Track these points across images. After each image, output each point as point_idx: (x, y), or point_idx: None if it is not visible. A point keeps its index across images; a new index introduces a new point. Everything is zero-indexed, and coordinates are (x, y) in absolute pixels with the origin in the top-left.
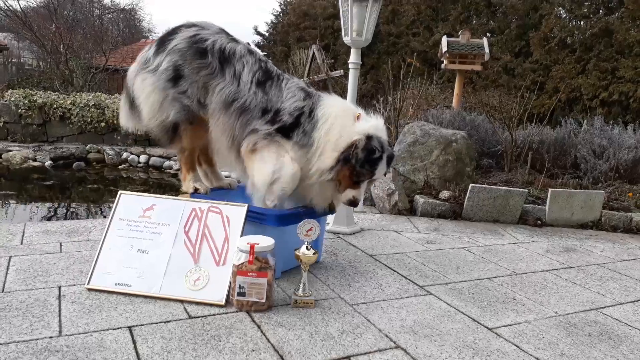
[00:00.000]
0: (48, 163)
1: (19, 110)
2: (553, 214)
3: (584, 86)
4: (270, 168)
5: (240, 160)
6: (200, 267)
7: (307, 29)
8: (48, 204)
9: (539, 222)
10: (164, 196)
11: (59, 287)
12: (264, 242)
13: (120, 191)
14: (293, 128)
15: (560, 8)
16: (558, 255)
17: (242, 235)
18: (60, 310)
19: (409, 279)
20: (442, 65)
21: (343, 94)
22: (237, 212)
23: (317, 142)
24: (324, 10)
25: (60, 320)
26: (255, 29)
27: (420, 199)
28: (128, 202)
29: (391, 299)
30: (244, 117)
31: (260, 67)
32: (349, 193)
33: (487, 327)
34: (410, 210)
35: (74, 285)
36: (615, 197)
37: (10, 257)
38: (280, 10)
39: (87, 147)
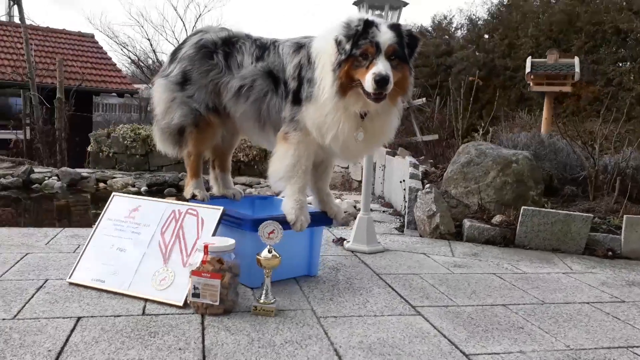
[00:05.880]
0: (144, 189)
1: (125, 142)
2: (630, 245)
3: None
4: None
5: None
6: (168, 267)
7: (419, 67)
8: None
9: (610, 253)
10: (150, 198)
11: (46, 280)
12: (221, 242)
13: (113, 193)
14: (300, 88)
15: None
16: (615, 288)
17: (214, 236)
18: (31, 298)
19: (404, 299)
20: (529, 88)
21: (425, 122)
22: (212, 215)
23: (318, 78)
24: (436, 48)
25: (23, 307)
26: None
27: (466, 223)
28: (118, 204)
29: (369, 315)
30: (254, 96)
31: (256, 46)
32: (369, 76)
33: (463, 353)
34: (457, 235)
35: (61, 279)
36: None
37: (27, 254)
38: None
39: (180, 174)
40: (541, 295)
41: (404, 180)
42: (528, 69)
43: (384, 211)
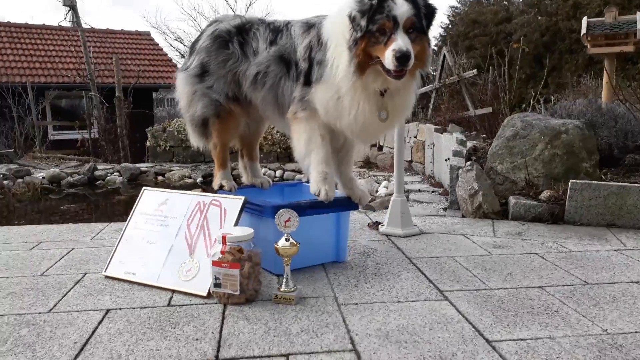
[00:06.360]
0: (199, 180)
1: (180, 136)
2: None
3: None
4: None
5: None
6: (194, 258)
7: (477, 36)
8: None
9: None
10: (177, 191)
11: (85, 274)
12: (239, 232)
13: (144, 187)
14: (310, 69)
15: None
16: None
17: (235, 226)
18: (68, 292)
19: (432, 283)
20: (586, 50)
21: (479, 94)
22: (234, 205)
23: (330, 59)
24: (494, 15)
25: (60, 300)
26: None
27: (512, 200)
28: (148, 198)
29: (392, 301)
30: (270, 82)
31: (270, 30)
32: (388, 53)
33: (485, 340)
34: (503, 214)
35: (98, 272)
36: None
37: (73, 249)
38: (448, 22)
39: (232, 164)
40: (584, 275)
41: (448, 159)
42: (584, 30)
43: (433, 191)
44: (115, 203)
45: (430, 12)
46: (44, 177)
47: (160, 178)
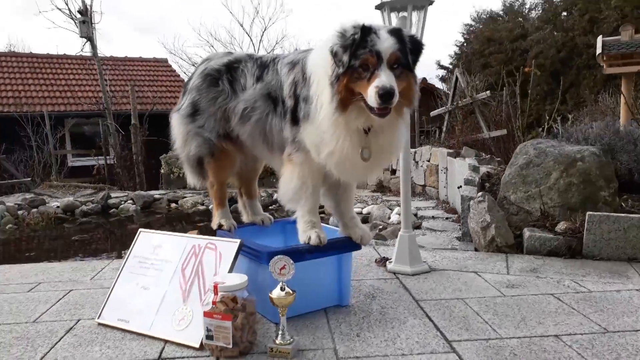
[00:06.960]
0: (212, 207)
1: None
2: None
3: None
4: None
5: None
6: (187, 306)
7: (493, 54)
8: None
9: None
10: (173, 233)
11: (78, 320)
12: (233, 280)
13: (140, 229)
14: (296, 106)
15: None
16: None
17: (230, 272)
18: (58, 342)
19: (440, 331)
20: (602, 70)
21: (493, 116)
22: (229, 248)
23: (314, 96)
24: (509, 32)
25: (48, 352)
26: (438, 63)
27: (526, 232)
28: (143, 240)
29: (396, 354)
30: (256, 117)
31: (257, 65)
32: (371, 90)
33: None
34: (517, 247)
35: (92, 319)
36: None
37: (71, 290)
38: (463, 40)
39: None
40: (605, 321)
41: (460, 186)
42: (599, 50)
43: (447, 218)
44: (127, 232)
45: (417, 47)
46: (58, 207)
47: (173, 205)
